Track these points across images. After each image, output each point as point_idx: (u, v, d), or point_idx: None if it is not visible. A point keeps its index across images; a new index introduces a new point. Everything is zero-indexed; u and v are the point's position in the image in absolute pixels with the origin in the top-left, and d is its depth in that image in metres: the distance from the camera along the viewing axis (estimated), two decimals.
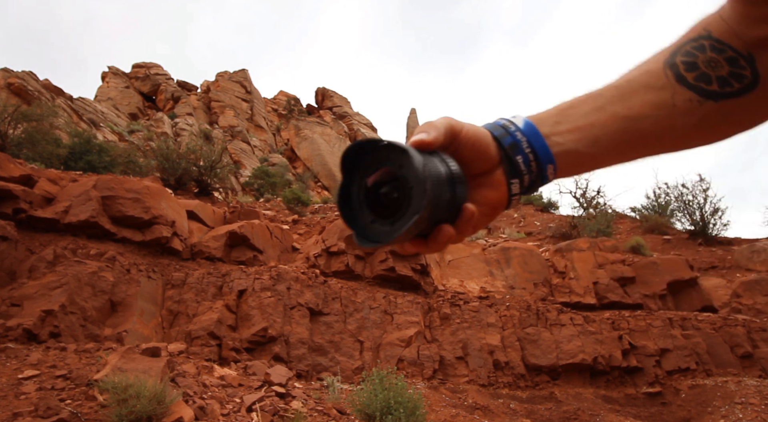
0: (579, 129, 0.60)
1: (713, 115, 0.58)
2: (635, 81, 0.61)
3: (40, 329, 5.64)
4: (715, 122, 0.58)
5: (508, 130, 0.60)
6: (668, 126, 0.59)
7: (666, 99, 0.58)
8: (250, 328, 7.06)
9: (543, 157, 0.60)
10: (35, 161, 10.81)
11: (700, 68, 0.58)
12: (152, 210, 7.66)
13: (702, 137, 0.60)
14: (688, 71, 0.59)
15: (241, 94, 35.30)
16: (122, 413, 3.73)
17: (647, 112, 0.59)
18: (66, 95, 23.02)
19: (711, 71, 0.58)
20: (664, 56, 0.62)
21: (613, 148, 0.60)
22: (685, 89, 0.58)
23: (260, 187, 21.50)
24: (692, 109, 0.58)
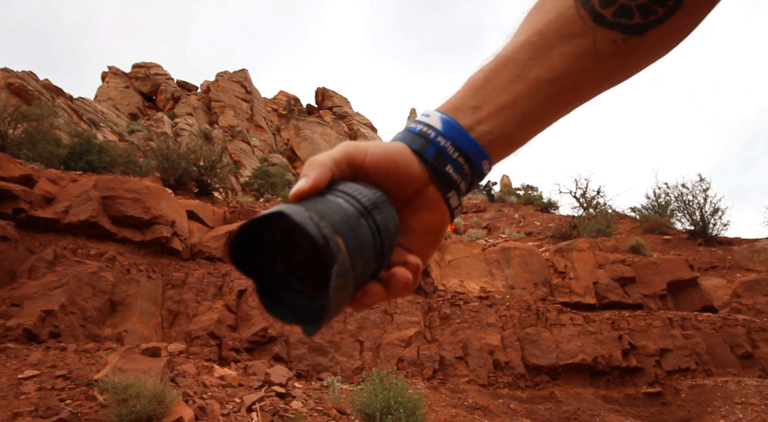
0: (503, 109, 0.53)
1: (638, 50, 0.51)
2: (548, 31, 0.52)
3: (40, 329, 5.64)
4: (641, 56, 0.52)
5: (428, 137, 0.52)
6: (594, 75, 0.52)
7: (587, 46, 0.51)
8: (250, 328, 7.06)
9: (474, 155, 0.53)
10: (35, 161, 10.81)
11: (617, 1, 0.50)
12: (152, 210, 7.66)
13: (625, 73, 0.54)
14: (605, 7, 0.50)
15: (241, 94, 35.30)
16: (122, 413, 3.73)
17: (569, 67, 0.51)
18: (66, 95, 23.02)
19: (630, 1, 0.50)
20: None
21: (543, 116, 0.54)
22: (606, 29, 0.50)
23: (260, 187, 21.51)
24: (616, 50, 0.51)
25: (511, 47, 0.54)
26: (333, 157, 0.48)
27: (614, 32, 0.50)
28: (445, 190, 0.52)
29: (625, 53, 0.51)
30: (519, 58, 0.53)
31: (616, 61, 0.51)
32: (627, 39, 0.50)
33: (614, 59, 0.51)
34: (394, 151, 0.51)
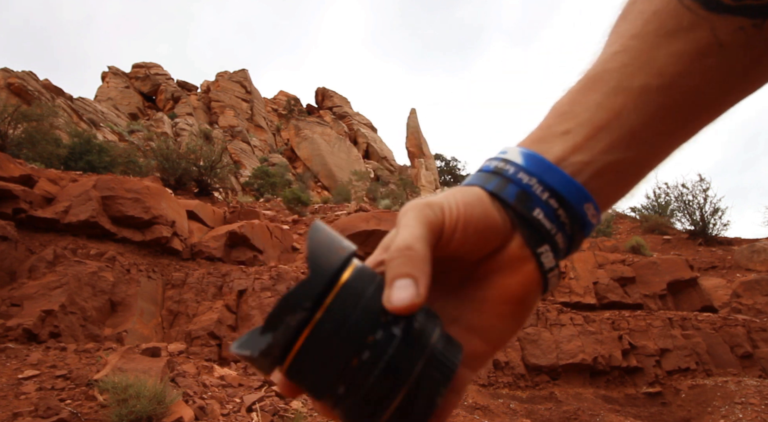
0: (603, 129, 0.39)
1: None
2: (647, 33, 0.39)
3: (40, 329, 5.64)
4: None
5: (506, 174, 0.39)
6: (725, 75, 0.38)
7: (705, 39, 0.38)
8: (250, 328, 7.04)
9: (572, 196, 0.39)
10: (35, 161, 10.81)
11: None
12: (152, 210, 7.66)
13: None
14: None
15: (241, 94, 35.30)
16: (122, 413, 3.73)
17: (687, 67, 0.38)
18: (66, 95, 23.02)
19: None
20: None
21: (662, 136, 0.40)
22: (728, 16, 0.37)
23: (260, 187, 21.51)
24: (749, 39, 0.37)
25: (602, 60, 0.41)
26: (426, 240, 0.35)
27: (740, 19, 0.37)
28: (535, 243, 0.38)
29: (763, 43, 0.37)
30: (614, 68, 0.40)
31: (754, 53, 0.38)
32: (760, 24, 0.37)
33: (750, 51, 0.38)
34: (471, 204, 0.38)
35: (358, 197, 21.12)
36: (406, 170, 38.34)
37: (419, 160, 38.71)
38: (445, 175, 45.02)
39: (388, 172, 35.71)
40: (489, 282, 0.39)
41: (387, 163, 37.36)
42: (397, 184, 29.55)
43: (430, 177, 38.07)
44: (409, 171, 38.23)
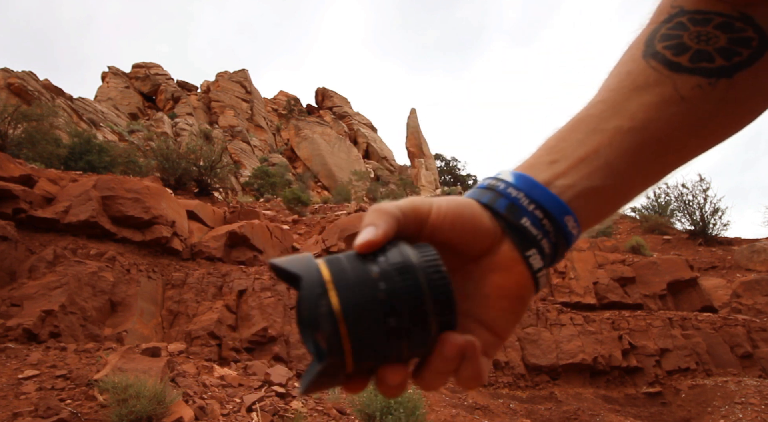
0: (583, 160, 0.47)
1: (733, 93, 0.46)
2: (621, 88, 0.49)
3: (40, 329, 5.64)
4: (740, 98, 0.47)
5: (497, 189, 0.47)
6: (686, 122, 0.47)
7: (669, 93, 0.47)
8: (250, 328, 7.06)
9: (555, 209, 0.46)
10: (35, 161, 10.81)
11: (691, 47, 0.47)
12: (152, 210, 7.66)
13: (733, 121, 0.48)
14: (679, 55, 0.47)
15: (241, 94, 35.30)
16: (122, 413, 3.73)
17: (654, 115, 0.46)
18: (66, 95, 23.02)
19: (706, 46, 0.47)
20: (639, 51, 0.50)
21: (633, 169, 0.47)
22: (687, 75, 0.47)
23: (260, 187, 21.52)
24: (705, 95, 0.46)
25: (586, 107, 0.51)
26: (400, 207, 0.44)
27: (697, 77, 0.46)
28: (524, 246, 0.45)
29: (717, 98, 0.46)
30: (594, 114, 0.49)
31: (710, 107, 0.47)
32: (714, 83, 0.46)
33: (706, 105, 0.46)
34: (459, 203, 0.45)
35: (358, 197, 21.12)
36: (406, 170, 38.34)
37: (419, 160, 38.72)
38: (445, 175, 45.02)
39: (388, 172, 35.72)
40: (488, 281, 0.45)
41: (387, 163, 37.37)
42: (397, 184, 29.54)
43: (430, 177, 38.08)
44: (409, 171, 38.23)
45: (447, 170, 45.62)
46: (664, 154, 0.48)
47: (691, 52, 0.47)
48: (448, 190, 25.28)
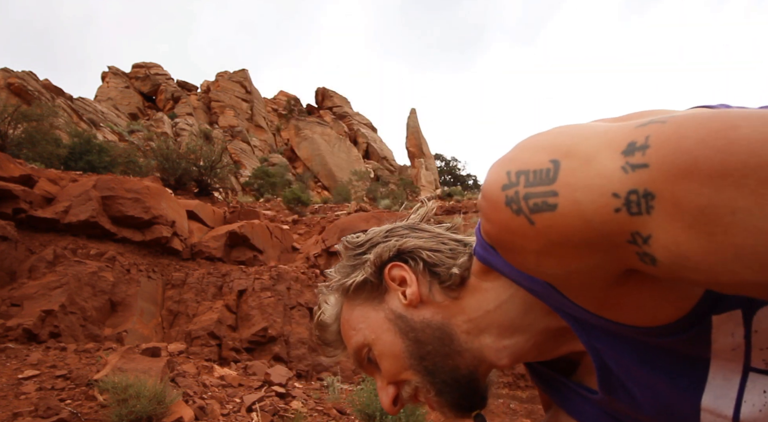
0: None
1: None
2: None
3: (40, 329, 5.64)
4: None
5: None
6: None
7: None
8: (250, 328, 7.06)
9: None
10: (35, 161, 10.81)
11: None
12: (152, 210, 7.66)
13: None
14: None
15: (241, 94, 35.31)
16: (122, 413, 3.73)
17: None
18: (66, 95, 23.03)
19: None
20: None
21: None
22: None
23: (260, 187, 21.52)
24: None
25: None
26: None
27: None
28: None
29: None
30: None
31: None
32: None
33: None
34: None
35: (358, 197, 21.11)
36: (406, 170, 38.34)
37: (419, 160, 38.72)
38: (445, 175, 45.01)
39: (388, 172, 35.72)
40: None
41: (387, 163, 37.37)
42: (397, 184, 29.54)
43: (430, 177, 38.08)
44: (409, 171, 38.23)
45: (447, 170, 45.61)
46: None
47: None
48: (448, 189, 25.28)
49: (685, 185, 0.36)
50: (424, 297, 0.63)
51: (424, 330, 0.62)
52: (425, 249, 0.65)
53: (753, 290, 0.37)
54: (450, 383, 0.62)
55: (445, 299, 0.62)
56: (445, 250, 0.65)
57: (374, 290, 0.66)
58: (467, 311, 0.61)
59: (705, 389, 0.48)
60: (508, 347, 0.60)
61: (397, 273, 0.65)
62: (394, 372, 0.64)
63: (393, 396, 0.66)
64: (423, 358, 0.62)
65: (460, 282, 0.62)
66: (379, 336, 0.65)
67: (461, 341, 0.61)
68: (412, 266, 0.65)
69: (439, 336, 0.62)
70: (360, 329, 0.66)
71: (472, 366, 0.62)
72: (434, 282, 0.63)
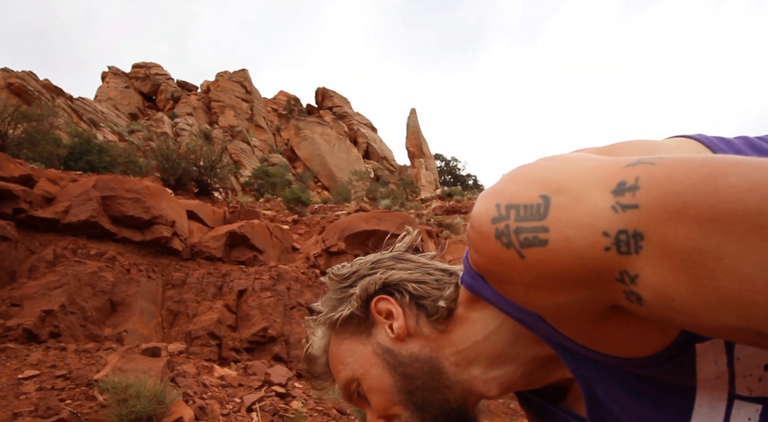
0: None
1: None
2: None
3: (40, 329, 5.64)
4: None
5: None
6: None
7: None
8: (250, 328, 7.06)
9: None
10: (35, 161, 10.80)
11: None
12: (152, 210, 7.66)
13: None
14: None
15: (241, 94, 35.30)
16: (122, 413, 3.73)
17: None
18: (66, 95, 23.02)
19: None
20: None
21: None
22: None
23: (260, 187, 21.51)
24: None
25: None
26: None
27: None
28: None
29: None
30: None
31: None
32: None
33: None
34: None
35: (358, 197, 21.11)
36: (406, 170, 38.33)
37: (419, 160, 38.71)
38: (445, 175, 45.00)
39: (388, 172, 35.72)
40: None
41: (387, 163, 37.37)
42: (397, 184, 29.53)
43: (430, 177, 38.08)
44: (409, 171, 38.22)
45: (447, 170, 45.61)
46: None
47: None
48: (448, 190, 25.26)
49: (673, 228, 0.36)
50: (412, 330, 0.63)
51: (412, 364, 0.62)
52: (411, 281, 0.65)
53: (735, 334, 0.37)
54: (439, 417, 0.62)
55: (433, 332, 0.62)
56: (431, 281, 0.65)
57: (361, 324, 0.66)
58: (455, 343, 0.61)
59: (692, 417, 0.49)
60: (497, 377, 0.60)
61: (384, 307, 0.65)
62: (384, 407, 0.64)
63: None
64: (412, 393, 0.62)
65: (447, 315, 0.62)
66: (367, 371, 0.64)
67: (450, 374, 0.61)
68: (399, 299, 0.65)
69: (428, 370, 0.61)
70: (348, 363, 0.66)
71: (461, 398, 0.62)
72: (421, 315, 0.63)
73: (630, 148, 0.52)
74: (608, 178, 0.41)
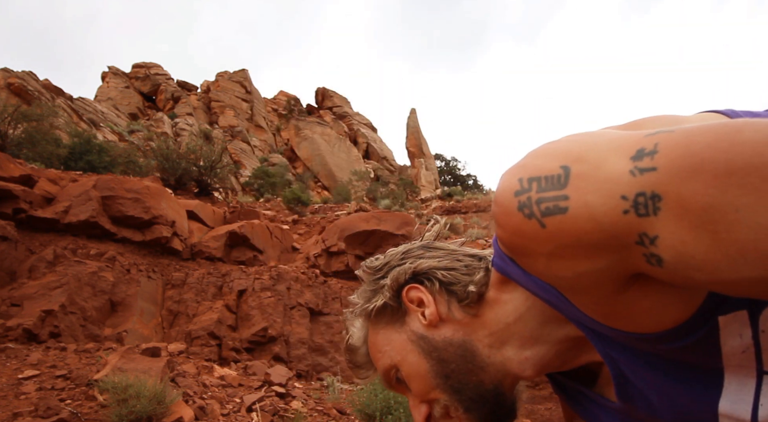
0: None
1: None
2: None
3: (40, 329, 5.64)
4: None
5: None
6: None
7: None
8: (250, 328, 7.06)
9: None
10: (35, 161, 10.80)
11: None
12: (152, 210, 7.66)
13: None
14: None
15: (241, 94, 35.30)
16: (122, 413, 3.73)
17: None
18: (66, 95, 23.02)
19: None
20: None
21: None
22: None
23: (260, 187, 21.50)
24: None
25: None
26: None
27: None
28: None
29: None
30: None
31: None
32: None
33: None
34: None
35: (358, 197, 21.11)
36: (406, 170, 38.33)
37: (419, 160, 38.71)
38: (445, 175, 44.99)
39: (388, 172, 35.72)
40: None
41: (387, 163, 37.38)
42: (397, 184, 29.53)
43: (430, 177, 38.08)
44: (409, 171, 38.22)
45: (447, 170, 45.59)
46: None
47: None
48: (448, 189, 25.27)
49: (690, 186, 0.37)
50: (444, 316, 0.65)
51: (446, 348, 0.64)
52: (440, 268, 0.67)
53: (756, 287, 0.38)
54: (476, 399, 0.63)
55: (465, 316, 0.64)
56: (460, 267, 0.66)
57: (395, 313, 0.68)
58: (488, 325, 0.63)
59: (722, 395, 0.49)
60: (530, 358, 0.61)
61: (415, 295, 0.67)
62: (423, 392, 0.66)
63: (425, 415, 0.67)
64: (448, 377, 0.64)
65: (478, 299, 0.64)
66: (404, 358, 0.67)
67: (484, 356, 0.63)
68: (429, 287, 0.66)
69: (461, 354, 0.63)
70: (386, 351, 0.69)
71: (496, 380, 0.63)
72: (452, 301, 0.65)
73: (655, 121, 0.53)
74: (628, 146, 0.42)
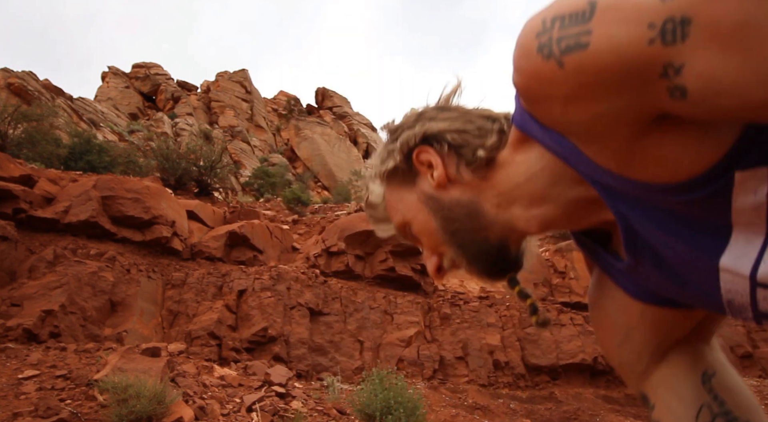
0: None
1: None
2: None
3: (40, 329, 5.64)
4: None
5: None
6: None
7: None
8: (250, 328, 7.06)
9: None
10: (35, 161, 10.80)
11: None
12: (152, 210, 7.66)
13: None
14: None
15: (241, 94, 35.29)
16: (122, 413, 3.73)
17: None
18: (66, 95, 23.02)
19: None
20: None
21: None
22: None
23: (260, 187, 21.49)
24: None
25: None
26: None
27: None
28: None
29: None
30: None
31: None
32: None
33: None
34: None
35: (358, 197, 21.07)
36: None
37: None
38: None
39: None
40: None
41: None
42: None
43: None
44: None
45: None
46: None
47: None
48: None
49: (723, 3, 0.36)
50: (452, 177, 0.67)
51: (453, 208, 0.67)
52: (450, 131, 0.68)
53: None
54: (480, 253, 0.68)
55: (473, 178, 0.66)
56: (472, 129, 0.67)
57: (406, 174, 0.71)
58: (497, 185, 0.65)
59: (726, 250, 0.49)
60: (537, 216, 0.63)
61: (425, 157, 0.69)
62: (433, 246, 0.72)
63: (436, 265, 0.73)
64: (454, 234, 0.68)
65: (488, 162, 0.65)
66: (415, 216, 0.71)
67: (491, 215, 0.66)
68: (438, 149, 0.68)
69: (467, 213, 0.67)
70: (399, 210, 0.74)
71: (502, 236, 0.67)
72: (461, 163, 0.67)
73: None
74: None
